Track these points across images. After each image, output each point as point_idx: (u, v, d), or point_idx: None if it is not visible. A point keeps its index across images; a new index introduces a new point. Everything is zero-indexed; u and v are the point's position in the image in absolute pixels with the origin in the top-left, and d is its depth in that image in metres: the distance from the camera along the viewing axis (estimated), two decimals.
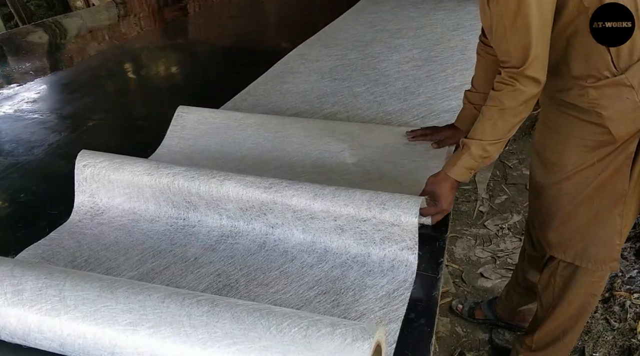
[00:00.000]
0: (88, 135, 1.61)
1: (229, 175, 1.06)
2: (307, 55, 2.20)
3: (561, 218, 1.06)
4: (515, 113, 0.92)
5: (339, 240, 0.96)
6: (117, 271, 1.00)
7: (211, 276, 0.95)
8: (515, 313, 1.45)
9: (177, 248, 1.05)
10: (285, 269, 0.95)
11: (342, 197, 0.95)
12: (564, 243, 1.08)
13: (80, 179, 1.15)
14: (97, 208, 1.15)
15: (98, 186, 1.14)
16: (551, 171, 1.04)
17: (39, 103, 1.90)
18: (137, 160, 1.17)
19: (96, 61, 2.41)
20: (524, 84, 0.88)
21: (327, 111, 1.65)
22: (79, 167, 1.16)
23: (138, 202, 1.13)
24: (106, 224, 1.13)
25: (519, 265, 1.37)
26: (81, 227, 1.12)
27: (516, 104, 0.90)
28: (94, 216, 1.14)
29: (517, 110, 0.91)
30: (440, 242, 0.96)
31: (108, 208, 1.14)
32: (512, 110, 0.91)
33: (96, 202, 1.15)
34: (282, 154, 1.36)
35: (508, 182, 2.18)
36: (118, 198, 1.14)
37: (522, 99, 0.90)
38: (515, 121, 0.93)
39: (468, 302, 1.56)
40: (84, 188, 1.15)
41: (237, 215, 1.06)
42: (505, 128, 0.93)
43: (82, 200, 1.15)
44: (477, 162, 0.96)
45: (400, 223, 0.90)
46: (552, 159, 1.03)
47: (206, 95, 1.89)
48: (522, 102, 0.90)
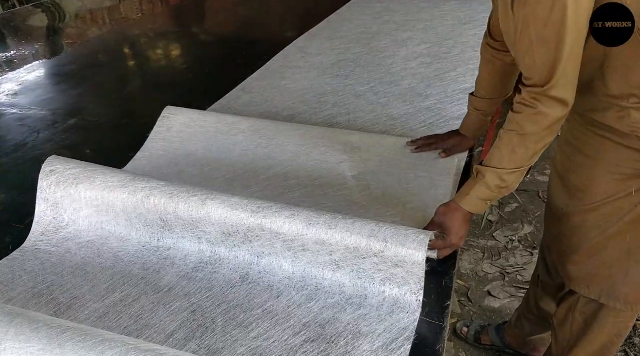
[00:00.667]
0: (67, 135, 1.48)
1: (212, 193, 0.94)
2: (308, 48, 2.06)
3: (586, 252, 0.93)
4: (538, 140, 0.79)
5: (332, 277, 0.84)
6: (81, 301, 0.88)
7: (185, 313, 0.84)
8: (525, 342, 1.34)
9: (150, 275, 0.93)
10: (270, 307, 0.83)
11: (339, 229, 0.82)
12: (588, 278, 0.96)
13: (44, 186, 1.03)
14: (60, 220, 1.03)
15: (63, 195, 1.02)
16: (576, 198, 0.92)
17: (19, 97, 1.78)
18: (112, 171, 1.05)
19: (88, 48, 2.28)
20: (548, 106, 0.76)
21: (327, 113, 1.52)
22: (44, 172, 1.04)
23: (107, 217, 1.01)
24: (72, 239, 1.02)
25: (532, 291, 1.25)
26: (45, 243, 1.01)
27: (539, 129, 0.78)
28: (58, 229, 1.03)
29: (539, 135, 0.79)
30: (447, 281, 0.84)
31: (73, 220, 1.03)
32: (533, 136, 0.79)
33: (60, 213, 1.03)
34: (275, 163, 1.24)
35: (519, 188, 2.04)
36: (85, 211, 1.02)
37: (546, 124, 0.77)
38: (538, 148, 0.80)
39: (474, 325, 1.44)
40: (47, 196, 1.03)
41: (218, 240, 0.94)
42: (525, 156, 0.81)
43: (43, 209, 1.03)
44: (494, 193, 0.84)
45: (404, 264, 0.78)
46: (578, 185, 0.90)
47: (199, 90, 1.76)
48: (545, 127, 0.77)
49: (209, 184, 1.17)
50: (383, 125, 1.42)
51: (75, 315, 0.85)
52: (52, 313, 0.86)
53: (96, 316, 0.85)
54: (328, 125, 1.44)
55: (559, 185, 0.97)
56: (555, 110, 0.76)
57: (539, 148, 0.81)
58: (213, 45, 2.31)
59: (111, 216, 1.01)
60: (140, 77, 2.01)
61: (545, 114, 0.76)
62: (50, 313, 0.86)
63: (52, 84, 1.89)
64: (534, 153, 0.81)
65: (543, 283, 1.18)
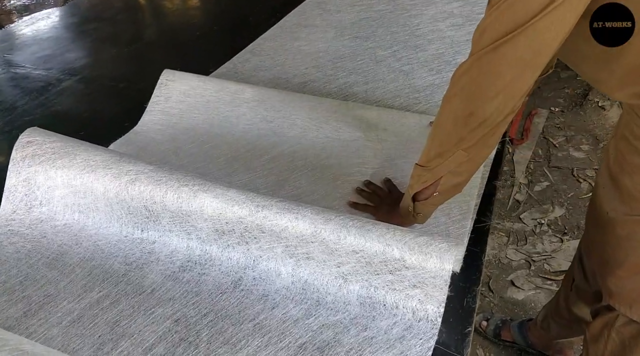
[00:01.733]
0: (60, 99, 1.37)
1: (205, 184, 0.82)
2: (327, 3, 1.87)
3: (632, 267, 0.80)
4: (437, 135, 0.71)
5: (337, 292, 0.73)
6: (55, 301, 0.79)
7: (168, 322, 0.74)
8: (551, 343, 1.22)
9: (133, 271, 0.83)
10: (262, 321, 0.73)
11: (351, 238, 0.70)
12: (632, 297, 0.83)
13: (18, 157, 0.92)
14: (33, 198, 0.92)
15: (37, 170, 0.91)
16: (629, 205, 0.77)
17: (14, 53, 1.66)
18: (96, 149, 0.93)
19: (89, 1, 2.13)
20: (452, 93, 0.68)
21: (342, 81, 1.36)
22: (21, 142, 0.92)
23: (84, 199, 0.90)
24: (46, 221, 0.91)
25: (563, 292, 1.12)
26: (18, 223, 0.91)
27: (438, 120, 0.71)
28: (31, 208, 0.92)
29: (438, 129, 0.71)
30: (470, 300, 0.72)
31: (47, 200, 0.92)
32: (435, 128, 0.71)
33: (32, 190, 0.92)
34: (281, 140, 1.11)
35: (551, 165, 1.87)
36: (61, 190, 0.91)
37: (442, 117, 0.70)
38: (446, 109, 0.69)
39: (494, 319, 1.33)
40: (20, 169, 0.92)
41: (210, 238, 0.82)
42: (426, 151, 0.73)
43: (14, 183, 0.93)
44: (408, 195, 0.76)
45: (424, 286, 0.66)
46: (632, 190, 0.75)
47: (205, 51, 1.61)
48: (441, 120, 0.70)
49: (208, 165, 1.05)
50: (405, 98, 1.26)
51: (46, 317, 0.76)
52: (21, 314, 0.77)
53: (69, 321, 0.75)
54: (343, 95, 1.29)
55: (608, 185, 0.82)
56: (456, 101, 0.67)
57: (436, 146, 0.72)
58: (222, 0, 2.13)
59: (89, 199, 0.89)
60: (144, 33, 1.86)
61: (445, 104, 0.70)
62: (20, 313, 0.77)
63: (51, 39, 1.76)
64: (429, 151, 0.73)
65: (577, 287, 1.05)
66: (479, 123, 0.65)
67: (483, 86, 0.63)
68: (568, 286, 1.09)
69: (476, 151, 0.69)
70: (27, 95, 1.39)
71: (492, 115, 0.64)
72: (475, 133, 0.66)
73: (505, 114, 0.65)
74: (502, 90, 0.62)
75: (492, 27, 0.60)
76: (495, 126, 0.66)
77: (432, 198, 0.75)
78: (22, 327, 0.75)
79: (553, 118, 2.11)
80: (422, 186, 0.74)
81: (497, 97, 0.63)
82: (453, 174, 0.71)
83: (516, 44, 0.59)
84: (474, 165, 0.72)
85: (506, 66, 0.60)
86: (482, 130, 0.66)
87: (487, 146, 0.69)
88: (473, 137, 0.67)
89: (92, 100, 1.37)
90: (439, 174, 0.71)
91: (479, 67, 0.62)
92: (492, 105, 0.63)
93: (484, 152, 0.70)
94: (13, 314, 0.77)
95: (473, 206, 0.88)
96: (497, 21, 0.59)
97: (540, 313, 1.22)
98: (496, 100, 0.63)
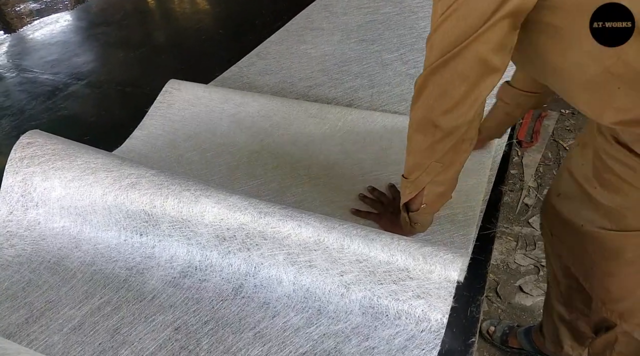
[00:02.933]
0: (67, 103, 1.37)
1: (207, 190, 0.82)
2: (334, 6, 1.87)
3: (623, 283, 0.77)
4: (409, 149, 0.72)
5: (339, 301, 0.72)
6: (56, 307, 0.79)
7: (168, 330, 0.73)
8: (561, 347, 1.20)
9: (134, 277, 0.83)
10: (263, 329, 0.72)
11: (355, 246, 0.69)
12: (629, 308, 0.80)
13: (16, 158, 0.92)
14: (30, 199, 0.92)
15: (35, 171, 0.91)
16: (608, 219, 0.74)
17: (22, 58, 1.67)
18: (97, 152, 0.93)
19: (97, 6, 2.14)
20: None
21: (348, 85, 1.35)
22: (21, 143, 0.92)
23: (82, 202, 0.89)
24: (44, 223, 0.91)
25: (554, 296, 1.10)
26: (16, 225, 0.91)
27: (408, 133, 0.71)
28: (27, 209, 0.92)
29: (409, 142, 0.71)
30: (474, 310, 0.70)
31: (43, 201, 0.91)
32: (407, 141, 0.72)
33: (28, 190, 0.92)
34: (284, 150, 1.10)
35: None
36: (58, 191, 0.90)
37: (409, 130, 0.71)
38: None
39: (501, 325, 1.31)
40: (17, 168, 0.92)
41: (210, 244, 0.82)
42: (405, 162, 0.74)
43: (11, 183, 0.92)
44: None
45: (428, 296, 0.65)
46: (616, 207, 0.72)
47: (211, 54, 1.61)
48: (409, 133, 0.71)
49: (210, 172, 1.05)
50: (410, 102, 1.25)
51: (47, 324, 0.76)
52: (23, 321, 0.77)
53: (70, 328, 0.75)
54: (348, 99, 1.28)
55: (576, 196, 0.77)
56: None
57: (410, 160, 0.73)
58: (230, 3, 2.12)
59: (87, 201, 0.89)
60: (152, 37, 1.87)
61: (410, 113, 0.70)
62: (22, 320, 0.77)
63: (59, 44, 1.77)
64: (407, 163, 0.74)
65: (568, 290, 1.03)
66: (445, 133, 0.65)
67: (441, 99, 0.63)
68: (557, 291, 1.07)
69: (450, 160, 0.68)
70: (34, 100, 1.40)
71: (456, 125, 0.64)
72: (443, 143, 0.66)
73: (468, 121, 0.64)
74: (461, 100, 0.62)
75: (439, 42, 0.59)
76: (462, 134, 0.65)
77: (422, 209, 0.74)
78: (24, 334, 0.75)
79: (563, 121, 2.09)
80: (408, 197, 0.74)
81: (457, 107, 0.62)
82: (434, 184, 0.71)
83: (464, 56, 0.58)
84: (452, 173, 0.71)
85: (458, 79, 0.60)
86: (450, 140, 0.65)
87: (460, 153, 0.69)
88: (443, 148, 0.66)
89: (98, 104, 1.38)
90: (421, 185, 0.71)
91: (433, 82, 0.62)
92: (453, 116, 0.63)
93: (458, 160, 0.70)
94: (15, 321, 0.77)
95: (478, 212, 0.86)
96: (443, 36, 0.59)
97: (545, 323, 1.20)
98: (456, 110, 0.63)
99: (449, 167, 0.70)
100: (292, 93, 1.33)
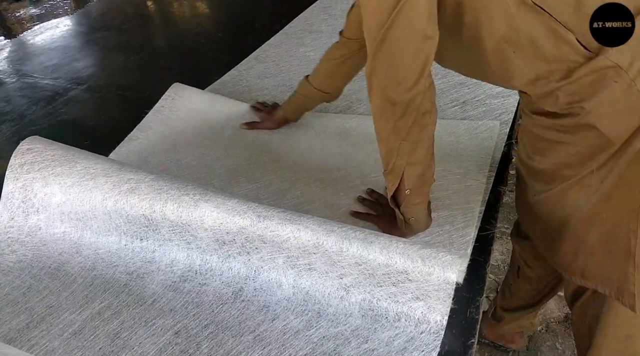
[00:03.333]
0: (67, 108, 1.38)
1: (206, 194, 0.82)
2: (333, 8, 1.87)
3: (572, 240, 0.79)
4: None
5: (339, 304, 0.72)
6: (57, 311, 0.79)
7: (168, 334, 0.74)
8: (502, 333, 1.30)
9: (134, 281, 0.83)
10: (263, 333, 0.72)
11: (354, 249, 0.69)
12: (582, 267, 0.81)
13: (16, 164, 0.92)
14: (30, 205, 0.92)
15: (35, 177, 0.91)
16: (544, 182, 0.78)
17: (23, 63, 1.68)
18: (97, 157, 0.94)
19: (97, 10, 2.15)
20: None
21: (347, 87, 1.34)
22: (20, 150, 0.93)
23: (82, 207, 0.90)
24: (45, 229, 0.92)
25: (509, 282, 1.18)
26: (17, 231, 0.92)
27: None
28: (28, 215, 0.92)
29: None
30: (473, 311, 0.70)
31: (44, 207, 0.92)
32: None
33: (29, 197, 0.92)
34: (284, 154, 1.10)
35: None
36: (58, 197, 0.91)
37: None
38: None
39: None
40: (17, 175, 0.92)
41: (210, 248, 0.82)
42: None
43: (12, 189, 0.93)
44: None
45: (427, 298, 0.65)
46: (546, 169, 0.77)
47: (210, 58, 1.62)
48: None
49: (209, 175, 1.05)
50: None
51: (48, 329, 0.76)
52: (24, 326, 0.77)
53: (70, 332, 0.75)
54: (347, 101, 1.28)
55: (526, 175, 0.83)
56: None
57: (381, 148, 0.75)
58: (229, 7, 2.13)
59: (87, 207, 0.89)
60: (151, 41, 1.88)
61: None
62: (23, 325, 0.78)
63: (59, 49, 1.77)
64: (380, 153, 0.76)
65: (523, 274, 1.11)
66: (404, 108, 0.68)
67: (389, 75, 0.66)
68: (514, 275, 1.15)
69: (416, 136, 0.71)
70: (34, 105, 1.40)
71: (411, 97, 0.67)
72: (405, 120, 0.69)
73: (422, 92, 0.67)
74: (408, 70, 0.66)
75: (371, 23, 0.64)
76: (419, 106, 0.68)
77: (408, 198, 0.76)
78: (24, 339, 0.75)
79: None
80: (392, 188, 0.76)
81: (406, 78, 0.66)
82: (410, 166, 0.73)
83: (397, 25, 0.62)
84: (423, 151, 0.74)
85: (399, 49, 0.64)
86: (409, 114, 0.68)
87: (423, 127, 0.71)
88: (405, 124, 0.69)
89: (98, 108, 1.38)
90: (399, 171, 0.74)
91: (378, 61, 0.66)
92: (405, 87, 0.66)
93: (425, 135, 0.72)
94: (16, 326, 0.78)
95: (477, 214, 0.86)
96: (374, 15, 0.64)
97: (490, 307, 1.27)
98: (406, 81, 0.66)
99: (418, 144, 0.72)
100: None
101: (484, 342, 1.33)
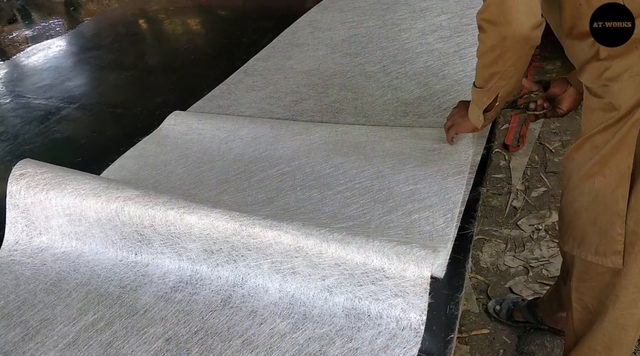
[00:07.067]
0: (59, 127, 1.41)
1: (189, 207, 0.85)
2: (319, 22, 1.92)
3: (564, 201, 0.86)
4: (482, 64, 0.83)
5: (323, 305, 0.74)
6: (51, 325, 0.82)
7: (159, 342, 0.76)
8: (557, 317, 1.25)
9: (127, 294, 0.85)
10: (250, 336, 0.74)
11: (333, 250, 0.72)
12: (565, 230, 0.88)
13: (14, 190, 0.97)
14: (33, 228, 0.97)
15: (33, 201, 0.95)
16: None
17: (15, 84, 1.71)
18: (85, 177, 0.97)
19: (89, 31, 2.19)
20: (481, 31, 0.78)
21: (333, 98, 1.39)
22: (14, 175, 0.97)
23: (80, 227, 0.93)
24: (47, 250, 0.95)
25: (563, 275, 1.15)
26: (20, 253, 0.95)
27: (480, 52, 0.81)
28: (32, 238, 0.96)
29: (482, 59, 0.82)
30: (452, 307, 0.73)
31: (46, 229, 0.96)
32: (479, 59, 0.83)
33: (31, 220, 0.97)
34: (271, 164, 1.13)
35: (548, 170, 1.88)
36: (57, 219, 0.95)
37: (482, 49, 0.80)
38: (485, 72, 0.84)
39: (506, 303, 1.37)
40: (17, 201, 0.97)
41: (200, 258, 0.85)
42: (480, 77, 0.86)
43: (14, 215, 0.97)
44: (476, 107, 0.92)
45: (405, 294, 0.68)
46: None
47: (199, 74, 1.65)
48: (482, 52, 0.80)
49: (198, 186, 1.08)
50: (393, 112, 1.29)
51: (43, 341, 0.79)
52: (19, 339, 0.80)
53: (64, 344, 0.78)
54: (333, 111, 1.32)
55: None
56: (486, 34, 0.77)
57: (486, 73, 0.83)
58: (218, 23, 2.18)
59: (84, 226, 0.93)
60: (142, 59, 1.91)
61: (481, 39, 0.79)
62: (18, 338, 0.80)
63: (51, 69, 1.81)
64: (483, 76, 0.84)
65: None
66: (514, 42, 0.74)
67: (502, 12, 0.72)
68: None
69: (521, 63, 0.80)
70: (27, 124, 1.43)
71: (522, 30, 0.72)
72: (514, 51, 0.76)
73: (533, 26, 0.72)
74: (519, 6, 0.71)
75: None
76: (527, 39, 0.74)
77: (495, 108, 0.90)
78: (20, 351, 0.77)
79: (549, 124, 2.12)
80: (486, 103, 0.88)
81: (518, 13, 0.71)
82: (508, 86, 0.84)
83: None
84: (520, 72, 0.83)
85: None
86: (520, 46, 0.75)
87: (528, 55, 0.79)
88: (513, 55, 0.77)
89: (89, 126, 1.41)
90: (497, 91, 0.85)
91: (493, 2, 0.73)
92: (516, 21, 0.72)
93: (526, 59, 0.80)
94: (11, 339, 0.80)
95: (457, 214, 0.89)
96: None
97: (547, 291, 1.25)
98: (516, 17, 0.71)
99: (520, 68, 0.81)
100: (279, 108, 1.37)
101: (543, 328, 1.32)
